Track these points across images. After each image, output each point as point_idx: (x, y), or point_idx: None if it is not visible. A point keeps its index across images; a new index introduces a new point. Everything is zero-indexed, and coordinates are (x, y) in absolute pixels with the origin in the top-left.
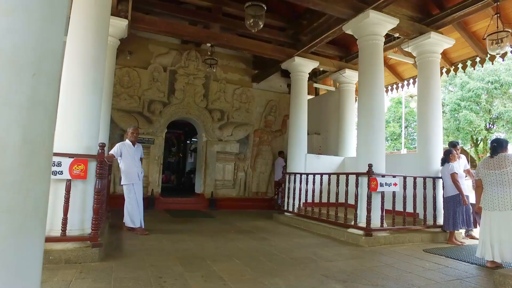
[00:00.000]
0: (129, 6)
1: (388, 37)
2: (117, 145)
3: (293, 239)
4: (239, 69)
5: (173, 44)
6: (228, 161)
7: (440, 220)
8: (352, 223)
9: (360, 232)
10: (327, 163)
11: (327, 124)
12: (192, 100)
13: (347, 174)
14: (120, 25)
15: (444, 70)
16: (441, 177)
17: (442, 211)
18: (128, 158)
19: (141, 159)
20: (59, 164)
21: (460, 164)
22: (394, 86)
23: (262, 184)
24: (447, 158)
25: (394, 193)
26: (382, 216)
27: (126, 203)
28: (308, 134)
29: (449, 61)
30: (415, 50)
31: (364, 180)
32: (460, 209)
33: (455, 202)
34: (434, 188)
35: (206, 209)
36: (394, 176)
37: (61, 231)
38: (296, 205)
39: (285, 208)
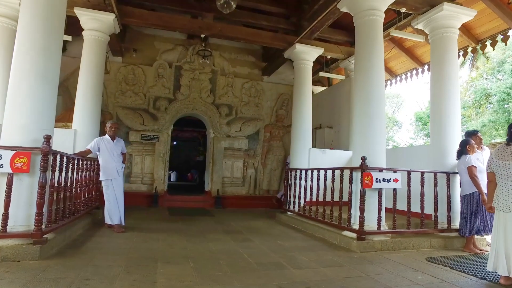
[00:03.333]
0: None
1: (398, 16)
2: (95, 139)
3: (278, 241)
4: (248, 62)
5: (178, 39)
6: (237, 157)
7: (457, 223)
8: (347, 224)
9: (353, 235)
10: (334, 158)
11: (339, 116)
12: (198, 95)
13: (342, 169)
14: (106, 19)
15: (469, 49)
16: (457, 172)
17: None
18: (106, 153)
19: (123, 154)
20: None
21: (484, 157)
22: (414, 72)
23: (274, 181)
24: (463, 149)
25: (394, 190)
26: (379, 217)
27: (105, 199)
28: (320, 127)
29: (475, 38)
30: (427, 26)
31: (358, 176)
32: (479, 210)
33: (473, 201)
34: (449, 185)
35: (211, 207)
36: (395, 171)
37: (0, 227)
38: (297, 204)
39: (287, 207)
